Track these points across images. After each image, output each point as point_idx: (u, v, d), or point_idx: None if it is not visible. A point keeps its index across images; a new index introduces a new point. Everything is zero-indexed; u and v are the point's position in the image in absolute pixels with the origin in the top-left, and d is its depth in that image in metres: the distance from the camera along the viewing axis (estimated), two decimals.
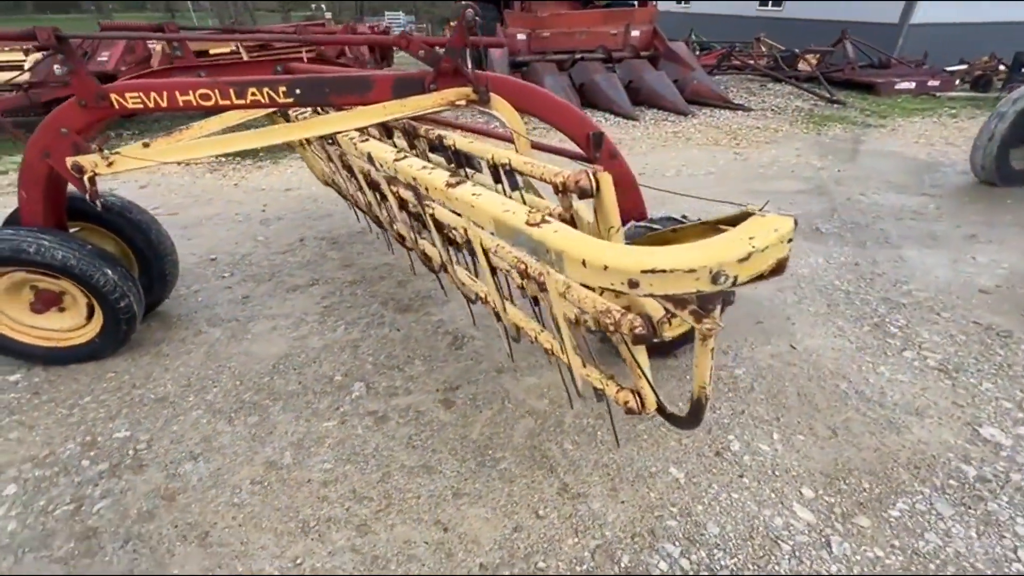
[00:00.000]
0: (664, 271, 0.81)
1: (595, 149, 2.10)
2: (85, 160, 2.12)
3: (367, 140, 1.88)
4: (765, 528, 1.70)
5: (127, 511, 1.78)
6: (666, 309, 1.13)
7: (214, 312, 2.97)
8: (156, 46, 8.30)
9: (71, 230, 2.60)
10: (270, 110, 2.36)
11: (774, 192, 4.72)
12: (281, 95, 2.00)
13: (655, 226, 2.09)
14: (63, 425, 2.17)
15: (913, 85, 9.68)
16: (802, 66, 10.70)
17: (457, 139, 1.87)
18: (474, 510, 1.78)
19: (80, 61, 2.00)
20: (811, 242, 3.72)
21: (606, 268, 0.88)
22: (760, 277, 0.88)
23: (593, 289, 1.22)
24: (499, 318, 1.93)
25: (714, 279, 0.82)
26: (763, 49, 11.95)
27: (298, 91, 2.00)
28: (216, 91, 2.01)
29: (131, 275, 2.45)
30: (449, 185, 1.35)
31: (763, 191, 4.75)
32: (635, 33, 9.39)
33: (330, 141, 2.26)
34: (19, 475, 1.93)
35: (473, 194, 1.29)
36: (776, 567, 1.58)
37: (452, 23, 14.00)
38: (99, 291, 2.32)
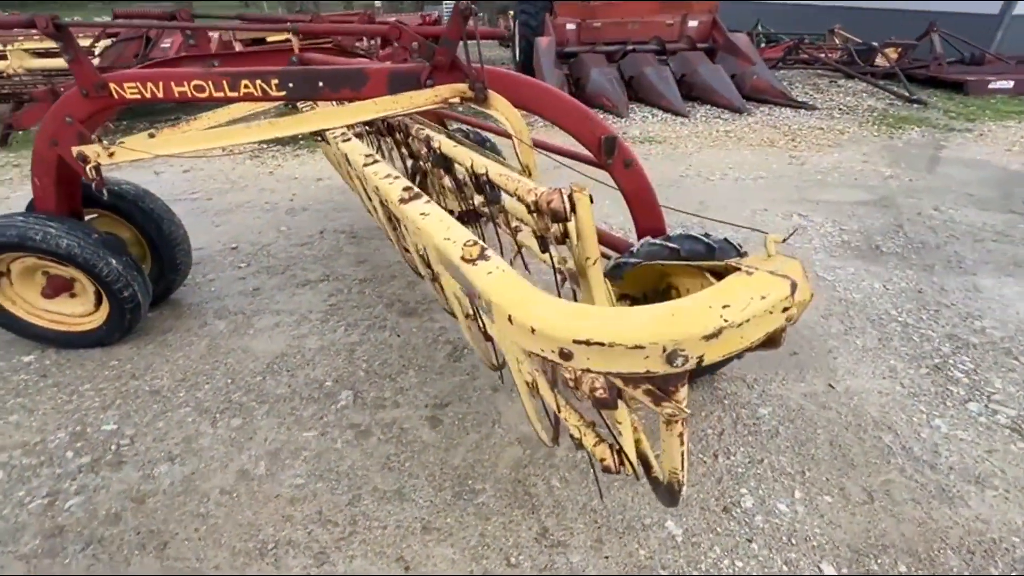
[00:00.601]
0: (603, 344, 0.61)
1: (607, 155, 1.88)
2: (88, 149, 2.11)
3: (348, 140, 1.74)
4: None
5: (96, 511, 1.76)
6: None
7: (223, 304, 2.97)
8: (214, 34, 8.61)
9: (88, 217, 2.65)
10: (270, 103, 2.27)
11: (831, 202, 4.26)
12: (273, 88, 1.90)
13: (671, 245, 1.84)
14: (59, 412, 2.19)
15: (1011, 84, 8.60)
16: (880, 61, 9.75)
17: (443, 141, 1.70)
18: (441, 549, 1.63)
19: (80, 50, 1.97)
20: (868, 263, 3.30)
21: (533, 331, 0.68)
22: (739, 355, 0.66)
23: None
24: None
25: (669, 359, 0.61)
26: (836, 42, 11.00)
27: (290, 84, 1.88)
28: (210, 82, 1.93)
29: (136, 265, 2.45)
30: (402, 200, 1.19)
31: (818, 201, 4.30)
32: (692, 24, 8.86)
33: (319, 138, 2.15)
34: (8, 461, 1.96)
35: (421, 213, 1.11)
36: None
37: (510, 13, 13.70)
38: (103, 280, 2.32)
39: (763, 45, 11.89)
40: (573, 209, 1.04)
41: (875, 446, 1.98)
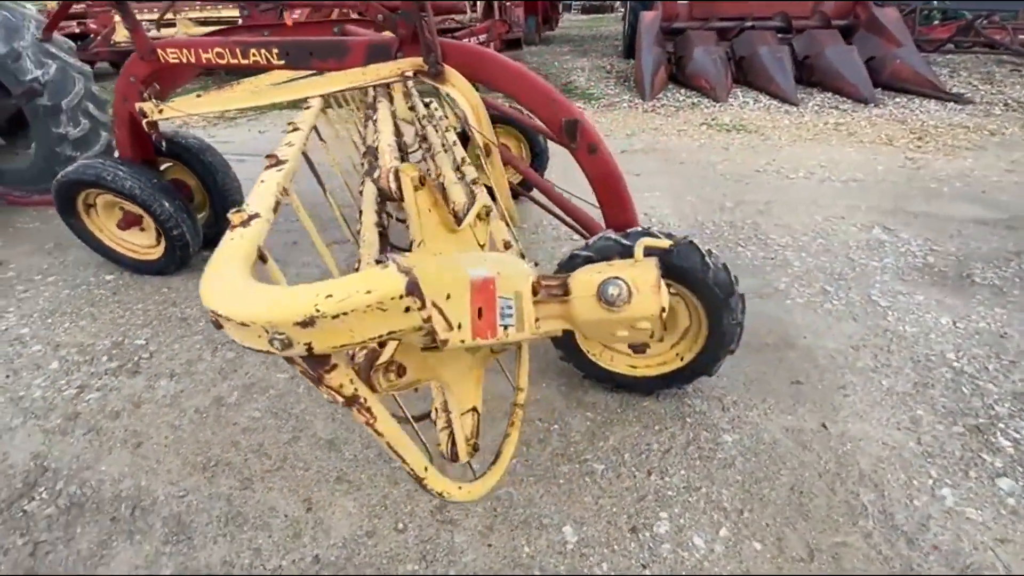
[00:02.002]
0: (232, 320, 0.61)
1: (569, 139, 1.77)
2: (146, 106, 2.48)
3: (308, 107, 1.84)
4: None
5: (104, 407, 2.14)
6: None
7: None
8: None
9: (164, 165, 3.12)
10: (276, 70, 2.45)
11: (933, 217, 3.55)
12: (275, 57, 2.06)
13: (625, 242, 1.71)
14: (113, 324, 2.67)
15: None
16: None
17: (382, 113, 1.72)
18: (344, 500, 1.74)
19: (137, 21, 2.29)
20: (946, 293, 2.73)
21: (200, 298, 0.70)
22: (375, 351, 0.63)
23: None
24: None
25: (271, 342, 0.60)
26: None
27: (288, 54, 2.03)
28: (227, 50, 2.15)
29: (187, 208, 2.85)
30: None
31: (917, 213, 3.60)
32: None
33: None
34: (66, 355, 2.45)
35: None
36: None
37: None
38: (157, 218, 2.74)
39: (936, 22, 9.98)
40: (399, 190, 1.02)
41: (846, 502, 1.69)
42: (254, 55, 2.10)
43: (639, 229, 1.74)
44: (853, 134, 5.26)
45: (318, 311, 0.57)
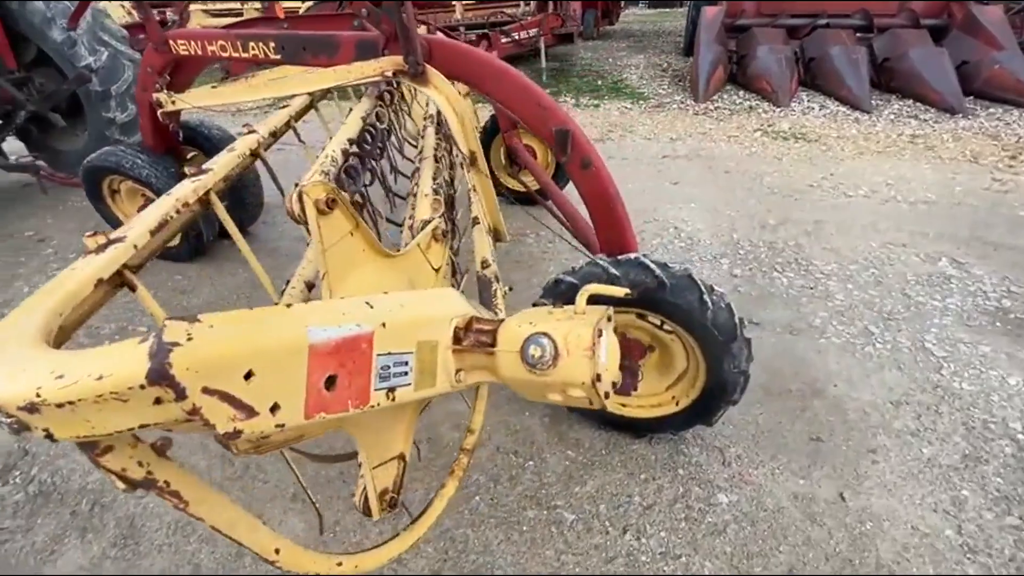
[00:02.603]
0: None
1: (560, 151, 1.58)
2: (161, 96, 2.50)
3: (284, 106, 1.74)
4: None
5: None
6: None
7: (277, 245, 3.35)
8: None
9: (191, 155, 3.17)
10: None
11: (1018, 250, 3.05)
12: (271, 50, 1.99)
13: (613, 271, 1.50)
14: (124, 308, 2.74)
15: None
16: None
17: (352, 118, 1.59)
18: (295, 520, 1.66)
19: (150, 11, 2.30)
20: (1020, 346, 2.31)
21: None
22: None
23: None
24: None
25: (3, 423, 0.48)
26: None
27: (283, 48, 1.96)
28: (229, 43, 2.10)
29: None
30: None
31: (997, 245, 3.10)
32: None
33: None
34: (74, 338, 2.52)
35: None
36: None
37: None
38: None
39: None
40: (303, 212, 0.89)
41: None
42: (253, 48, 2.04)
43: (632, 256, 1.53)
44: (931, 148, 4.67)
45: (39, 397, 0.45)
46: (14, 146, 4.40)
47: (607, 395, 0.91)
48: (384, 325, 0.75)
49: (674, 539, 1.59)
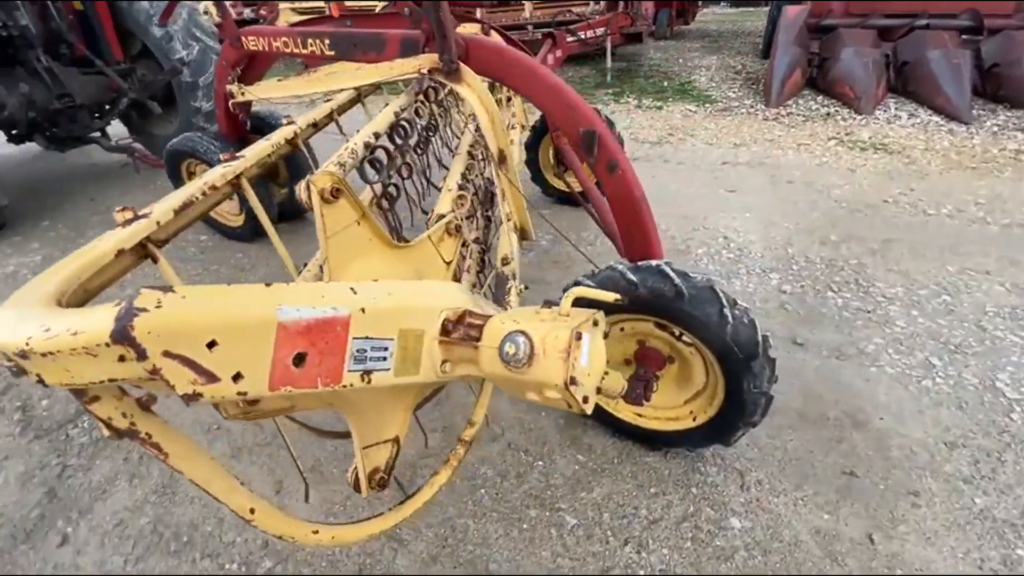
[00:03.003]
0: None
1: (586, 152, 1.56)
2: (232, 88, 2.71)
3: (328, 99, 1.84)
4: None
5: None
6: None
7: None
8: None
9: None
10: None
11: None
12: (326, 47, 2.11)
13: (631, 277, 1.47)
14: (188, 281, 3.00)
15: None
16: None
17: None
18: (311, 491, 1.76)
19: (227, 9, 2.50)
20: None
21: None
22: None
23: None
24: None
25: (7, 366, 0.55)
26: None
27: (337, 45, 2.07)
28: (291, 40, 2.25)
29: (264, 183, 3.10)
30: None
31: None
32: None
33: None
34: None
35: None
36: None
37: None
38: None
39: None
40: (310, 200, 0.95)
41: None
42: (311, 45, 2.17)
43: (652, 263, 1.49)
44: None
45: (28, 346, 0.52)
46: (117, 130, 4.93)
47: (586, 400, 0.90)
48: (363, 310, 0.79)
49: (676, 558, 1.53)
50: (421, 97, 1.90)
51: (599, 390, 0.97)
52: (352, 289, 0.81)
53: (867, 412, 1.99)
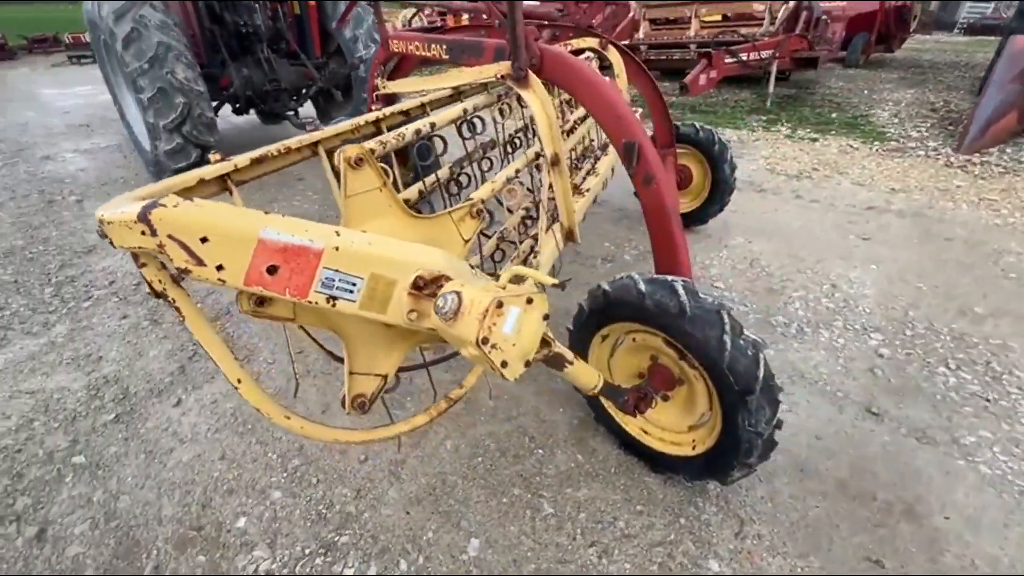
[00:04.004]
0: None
1: (627, 162, 1.62)
2: (379, 82, 3.23)
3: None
4: None
5: None
6: None
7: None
8: (635, 11, 9.65)
9: None
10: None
11: None
12: (443, 52, 2.44)
13: (641, 287, 1.51)
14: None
15: None
16: None
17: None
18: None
19: (382, 14, 2.99)
20: None
21: None
22: None
23: None
24: None
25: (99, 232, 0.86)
26: None
27: (450, 50, 2.38)
28: (421, 44, 2.64)
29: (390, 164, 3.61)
30: None
31: None
32: None
33: None
34: None
35: None
36: None
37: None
38: None
39: None
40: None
41: None
42: (433, 49, 2.52)
43: (665, 277, 1.49)
44: None
45: (104, 220, 0.82)
46: (308, 111, 6.04)
47: (504, 364, 1.02)
48: (337, 248, 1.01)
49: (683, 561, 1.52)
50: (499, 99, 2.11)
51: (528, 364, 1.07)
52: (337, 232, 1.03)
53: (929, 505, 1.69)
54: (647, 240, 1.80)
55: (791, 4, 8.01)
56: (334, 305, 1.04)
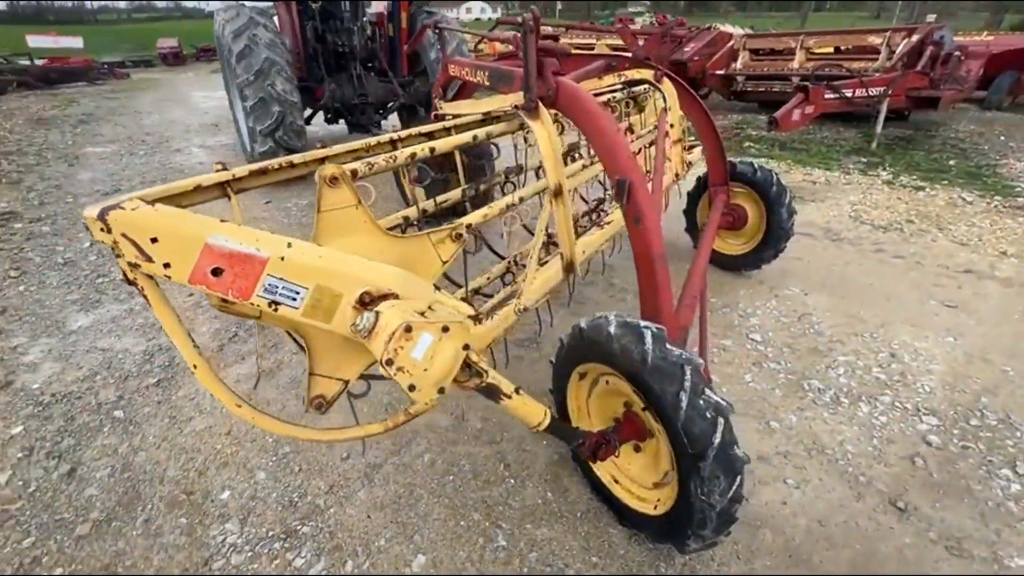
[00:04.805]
0: None
1: (618, 199, 1.58)
2: (437, 102, 3.42)
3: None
4: None
5: None
6: None
7: None
8: (736, 41, 9.28)
9: None
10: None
11: None
12: (485, 78, 2.55)
13: (610, 328, 1.46)
14: None
15: None
16: None
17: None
18: None
19: (444, 41, 3.17)
20: None
21: None
22: None
23: None
24: None
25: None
26: None
27: (490, 77, 2.48)
28: (471, 70, 2.77)
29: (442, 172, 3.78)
30: None
31: None
32: None
33: None
34: None
35: None
36: None
37: None
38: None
39: None
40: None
41: None
42: (479, 75, 2.63)
43: (637, 322, 1.43)
44: None
45: (84, 216, 0.98)
46: (394, 122, 6.50)
47: (412, 388, 1.04)
48: (282, 259, 1.10)
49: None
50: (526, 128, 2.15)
51: (442, 391, 1.08)
52: (289, 244, 1.13)
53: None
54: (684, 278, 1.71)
55: (913, 39, 7.26)
56: (276, 310, 1.13)
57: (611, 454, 1.56)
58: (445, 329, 1.06)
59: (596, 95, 2.72)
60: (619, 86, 3.02)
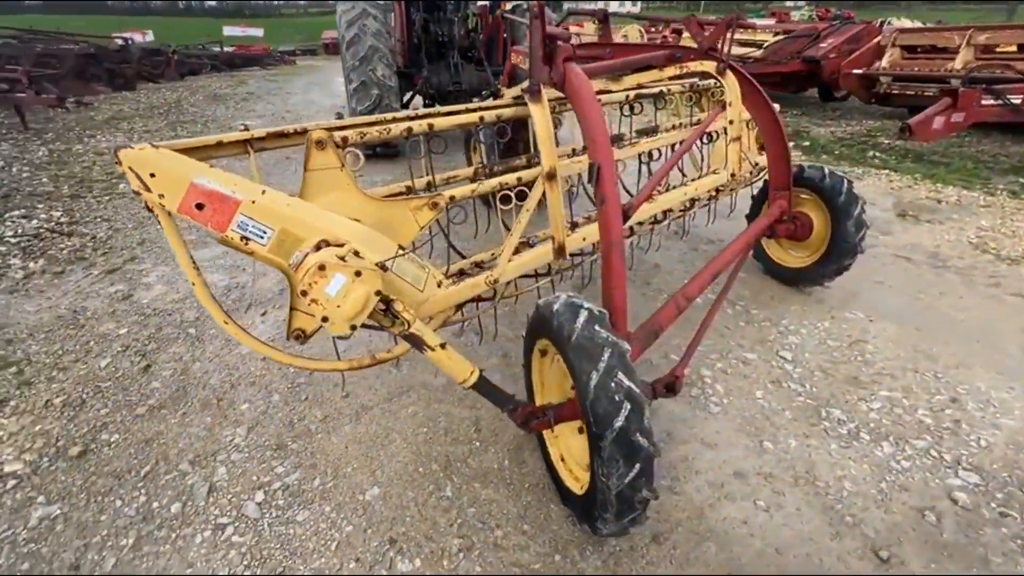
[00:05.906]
0: None
1: (590, 180, 1.60)
2: (501, 88, 3.58)
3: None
4: None
5: None
6: None
7: None
8: (884, 36, 8.14)
9: None
10: None
11: None
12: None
13: (543, 310, 1.51)
14: None
15: None
16: None
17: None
18: None
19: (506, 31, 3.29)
20: None
21: None
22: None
23: None
24: None
25: None
26: None
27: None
28: (522, 59, 2.87)
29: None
30: None
31: None
32: None
33: None
34: None
35: None
36: None
37: None
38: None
39: None
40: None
41: None
42: (524, 63, 2.73)
43: (578, 301, 1.46)
44: None
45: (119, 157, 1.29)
46: None
47: (325, 319, 1.22)
48: (253, 202, 1.34)
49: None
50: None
51: (354, 328, 1.24)
52: (263, 191, 1.37)
53: None
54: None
55: None
56: (247, 244, 1.38)
57: (545, 427, 1.60)
58: (358, 274, 1.22)
59: (640, 87, 2.67)
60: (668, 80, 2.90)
